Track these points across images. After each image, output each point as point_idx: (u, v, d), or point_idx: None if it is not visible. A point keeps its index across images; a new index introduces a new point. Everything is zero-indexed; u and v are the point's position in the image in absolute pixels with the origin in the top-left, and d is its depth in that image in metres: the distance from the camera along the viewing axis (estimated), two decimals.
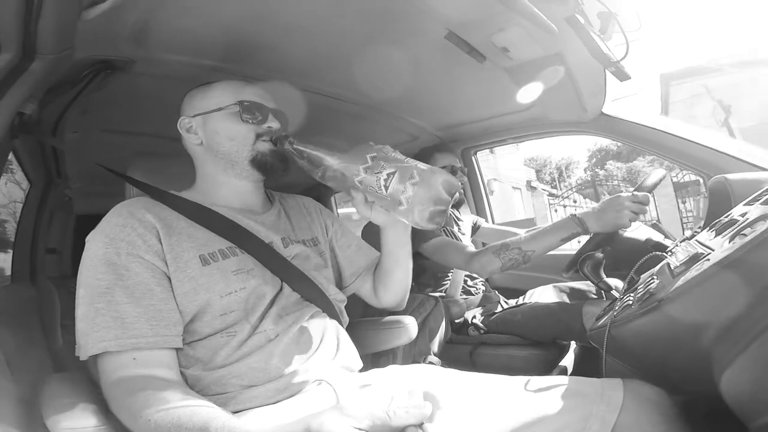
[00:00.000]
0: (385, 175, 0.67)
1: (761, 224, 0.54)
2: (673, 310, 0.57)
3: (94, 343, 0.62)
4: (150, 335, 0.64)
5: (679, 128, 1.45)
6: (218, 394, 0.67)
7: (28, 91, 0.77)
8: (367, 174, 0.69)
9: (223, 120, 0.81)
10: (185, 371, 0.68)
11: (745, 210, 0.69)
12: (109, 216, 0.72)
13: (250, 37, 0.97)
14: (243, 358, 0.69)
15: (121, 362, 0.62)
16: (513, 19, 0.91)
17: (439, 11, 0.90)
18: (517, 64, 1.14)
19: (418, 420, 0.49)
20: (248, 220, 0.81)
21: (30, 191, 1.67)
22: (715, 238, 0.67)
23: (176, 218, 0.75)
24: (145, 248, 0.68)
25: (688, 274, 0.59)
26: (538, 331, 1.37)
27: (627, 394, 0.62)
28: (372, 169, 0.68)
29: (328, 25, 0.96)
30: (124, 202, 0.76)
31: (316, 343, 0.76)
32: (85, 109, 1.18)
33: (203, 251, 0.72)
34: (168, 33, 0.90)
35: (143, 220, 0.71)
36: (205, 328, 0.69)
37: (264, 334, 0.71)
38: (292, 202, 0.96)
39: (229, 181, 0.83)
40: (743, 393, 0.50)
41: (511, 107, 1.60)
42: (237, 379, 0.68)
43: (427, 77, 1.31)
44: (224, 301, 0.70)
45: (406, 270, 0.93)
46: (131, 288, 0.65)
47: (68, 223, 2.71)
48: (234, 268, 0.73)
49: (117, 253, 0.67)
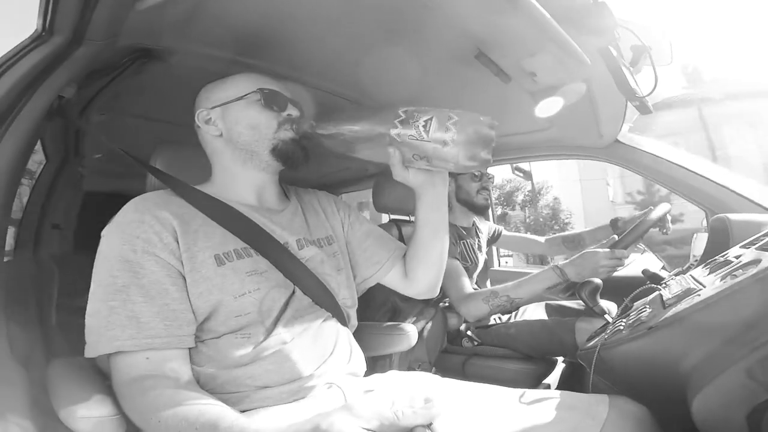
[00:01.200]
0: (423, 121, 0.67)
1: (752, 268, 0.58)
2: (660, 338, 0.62)
3: (108, 342, 0.62)
4: (164, 335, 0.64)
5: (688, 161, 1.47)
6: (231, 393, 0.68)
7: (70, 75, 0.81)
8: (402, 127, 0.68)
9: (244, 109, 0.80)
10: (199, 369, 0.68)
11: (741, 252, 0.72)
12: (126, 211, 0.71)
13: (287, 34, 1.00)
14: (258, 360, 0.69)
15: (134, 361, 0.62)
16: (546, 46, 0.91)
17: (471, 31, 0.91)
18: (542, 88, 1.16)
19: (427, 420, 0.49)
20: (264, 218, 0.80)
21: (45, 167, 1.67)
22: (708, 276, 0.70)
23: (193, 215, 0.74)
24: (161, 246, 0.68)
25: (678, 306, 0.63)
26: (531, 344, 1.40)
27: (612, 409, 0.65)
28: (407, 121, 0.68)
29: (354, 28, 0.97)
30: (141, 196, 0.76)
31: (329, 348, 0.77)
32: (116, 92, 1.23)
33: (218, 251, 0.72)
34: (209, 25, 0.93)
35: (160, 217, 0.70)
36: (220, 327, 0.70)
37: (279, 337, 0.72)
38: (307, 199, 0.95)
39: (247, 174, 0.83)
40: (710, 414, 0.54)
41: (527, 127, 1.62)
42: (251, 380, 0.68)
43: (447, 90, 1.33)
44: (237, 302, 0.70)
45: (443, 242, 0.89)
46: (146, 287, 0.65)
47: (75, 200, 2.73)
48: (248, 269, 0.73)
49: (133, 250, 0.66)
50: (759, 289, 0.52)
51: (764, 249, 0.66)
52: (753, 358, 0.50)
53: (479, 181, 1.62)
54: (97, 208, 1.04)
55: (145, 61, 1.00)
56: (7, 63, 0.74)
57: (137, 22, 0.82)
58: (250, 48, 1.05)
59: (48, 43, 0.74)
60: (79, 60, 0.79)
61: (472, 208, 1.64)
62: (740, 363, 0.51)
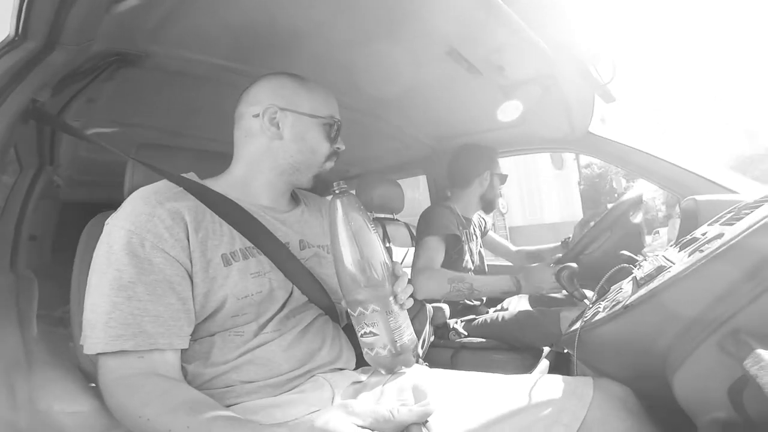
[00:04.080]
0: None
1: (716, 242, 0.61)
2: (636, 315, 0.63)
3: (109, 341, 0.59)
4: (166, 336, 0.62)
5: (659, 150, 1.53)
6: (217, 389, 0.67)
7: (44, 80, 0.80)
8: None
9: (312, 129, 0.79)
10: (186, 366, 0.67)
11: (707, 229, 0.76)
12: (136, 202, 0.68)
13: (260, 39, 1.01)
14: (247, 355, 0.69)
15: (127, 360, 0.60)
16: (510, 40, 0.95)
17: (442, 28, 0.94)
18: (512, 82, 1.20)
19: (421, 418, 0.49)
20: (270, 217, 0.80)
21: (19, 177, 1.62)
22: (678, 253, 0.73)
23: (203, 212, 0.72)
24: (171, 243, 0.65)
25: (651, 284, 0.65)
26: (517, 335, 1.43)
27: (597, 391, 0.67)
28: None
29: (333, 32, 1.00)
30: (150, 188, 0.72)
31: (318, 344, 0.77)
32: (91, 98, 1.21)
33: (226, 250, 0.71)
34: (184, 30, 0.93)
35: (172, 211, 0.68)
36: (215, 327, 0.69)
37: (270, 334, 0.72)
38: (313, 205, 0.94)
39: (275, 180, 0.81)
40: (691, 391, 0.55)
41: (502, 123, 1.66)
42: (237, 375, 0.68)
43: (424, 89, 1.36)
44: (239, 303, 0.69)
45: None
46: (152, 284, 0.63)
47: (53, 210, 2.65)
48: (253, 270, 0.72)
49: (141, 245, 0.64)
50: (721, 263, 0.55)
51: (727, 224, 0.69)
52: (723, 331, 0.51)
53: (503, 184, 1.70)
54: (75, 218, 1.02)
55: (120, 66, 0.99)
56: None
57: (112, 26, 0.81)
58: (226, 51, 1.05)
59: (21, 47, 0.73)
60: (53, 64, 0.78)
61: (489, 207, 1.70)
62: (711, 338, 0.52)
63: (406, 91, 1.38)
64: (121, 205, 0.70)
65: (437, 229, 1.50)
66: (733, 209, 0.78)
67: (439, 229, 1.50)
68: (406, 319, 0.68)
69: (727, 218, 0.73)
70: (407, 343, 0.67)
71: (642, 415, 0.65)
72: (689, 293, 0.57)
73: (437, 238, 1.50)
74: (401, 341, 0.65)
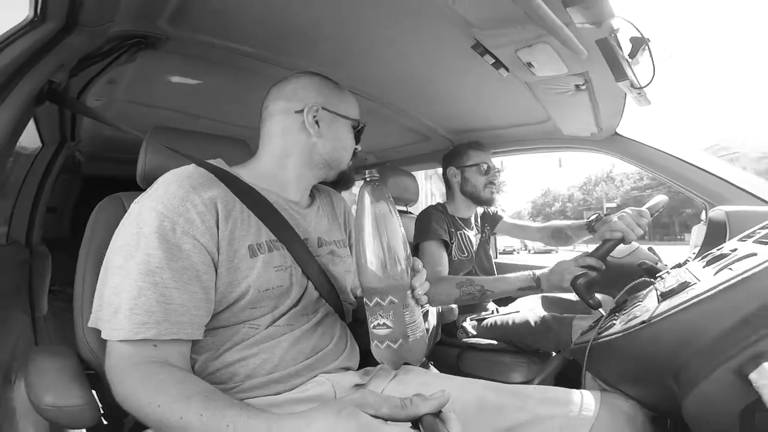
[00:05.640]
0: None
1: (748, 261, 0.57)
2: (653, 333, 0.61)
3: (133, 328, 0.58)
4: (187, 326, 0.61)
5: (687, 154, 1.47)
6: (220, 380, 0.67)
7: (61, 61, 0.80)
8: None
9: (345, 129, 0.84)
10: (195, 356, 0.66)
11: (737, 245, 0.72)
12: (169, 185, 0.67)
13: (281, 25, 0.99)
14: (255, 347, 0.69)
15: (142, 348, 0.59)
16: (543, 36, 0.91)
17: (468, 20, 0.91)
18: (540, 79, 1.15)
19: (435, 408, 0.48)
20: (293, 212, 0.81)
21: (41, 151, 1.66)
22: (704, 269, 0.70)
23: (233, 201, 0.71)
24: (202, 230, 0.65)
25: (673, 299, 0.62)
26: (527, 339, 1.40)
27: (603, 406, 0.65)
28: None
29: (356, 20, 0.98)
30: (182, 171, 0.71)
31: (326, 341, 0.77)
32: (112, 78, 1.22)
33: (252, 241, 0.70)
34: (204, 14, 0.92)
35: (205, 197, 0.67)
36: (231, 318, 0.68)
37: (281, 327, 0.72)
38: (324, 198, 0.95)
39: (304, 174, 0.83)
40: (702, 412, 0.54)
41: (525, 119, 1.62)
42: (243, 368, 0.68)
43: (446, 81, 1.32)
44: (260, 295, 0.69)
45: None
46: (180, 271, 0.62)
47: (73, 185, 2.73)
48: (276, 263, 0.72)
49: (173, 229, 0.63)
50: (753, 285, 0.52)
51: (761, 242, 0.66)
52: (744, 356, 0.49)
53: (486, 175, 1.62)
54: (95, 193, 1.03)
55: (141, 48, 0.99)
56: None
57: (132, 8, 0.81)
58: (247, 36, 1.04)
59: (40, 28, 0.72)
60: (72, 46, 0.78)
61: (477, 201, 1.64)
62: (731, 361, 0.50)
63: (428, 84, 1.35)
64: (152, 186, 0.69)
65: (429, 234, 1.48)
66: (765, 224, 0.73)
67: (428, 234, 1.48)
68: (420, 316, 0.67)
69: (762, 235, 0.69)
70: (419, 339, 0.65)
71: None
72: (714, 314, 0.55)
73: (434, 242, 1.48)
74: (414, 336, 0.64)
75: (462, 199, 1.66)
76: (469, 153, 1.64)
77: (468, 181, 1.62)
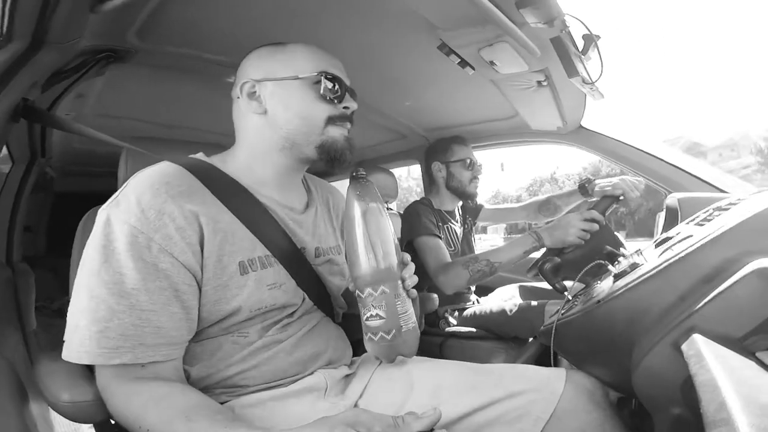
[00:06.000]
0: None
1: (685, 243, 0.63)
2: (606, 312, 0.66)
3: (103, 352, 0.54)
4: (164, 347, 0.58)
5: (649, 146, 1.55)
6: (215, 389, 0.67)
7: (33, 78, 0.80)
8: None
9: (297, 91, 0.70)
10: (188, 368, 0.64)
11: (681, 229, 0.77)
12: (143, 192, 0.60)
13: (251, 32, 1.00)
14: (249, 357, 0.68)
15: (126, 370, 0.57)
16: (501, 36, 0.95)
17: (431, 22, 0.94)
18: (504, 76, 1.20)
19: (428, 426, 0.48)
20: (287, 218, 0.75)
21: (12, 170, 1.65)
22: (654, 251, 0.75)
23: (221, 211, 0.66)
24: (182, 247, 0.59)
25: (624, 279, 0.67)
26: (505, 327, 1.46)
27: (568, 383, 0.70)
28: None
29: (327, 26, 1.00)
30: (158, 174, 0.63)
31: (322, 346, 0.77)
32: (80, 93, 1.22)
33: (244, 257, 0.66)
34: (173, 25, 0.93)
35: (186, 209, 0.61)
36: (220, 332, 0.66)
37: (273, 337, 0.70)
38: (322, 197, 0.89)
39: (279, 161, 0.74)
40: (649, 387, 0.58)
41: (495, 115, 1.67)
42: (242, 379, 0.67)
43: (418, 81, 1.36)
44: (252, 314, 0.67)
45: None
46: (156, 292, 0.57)
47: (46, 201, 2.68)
48: (270, 281, 0.68)
49: (148, 246, 0.57)
50: (687, 264, 0.57)
51: (699, 224, 0.71)
52: (679, 330, 0.53)
53: (471, 170, 1.66)
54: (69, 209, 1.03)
55: (109, 61, 0.99)
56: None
57: (99, 23, 0.81)
58: (216, 46, 1.06)
59: (6, 48, 0.73)
60: (41, 63, 0.79)
61: (462, 196, 1.68)
62: (668, 335, 0.54)
63: (402, 84, 1.38)
64: (122, 190, 0.62)
65: (422, 229, 1.50)
66: (707, 209, 0.79)
67: (421, 230, 1.50)
68: (411, 308, 0.69)
69: (701, 218, 0.74)
70: (411, 329, 0.67)
71: (609, 408, 0.68)
72: (655, 292, 0.60)
73: (429, 237, 1.50)
74: (406, 327, 0.66)
75: (447, 194, 1.69)
76: (453, 148, 1.67)
77: (453, 177, 1.66)
